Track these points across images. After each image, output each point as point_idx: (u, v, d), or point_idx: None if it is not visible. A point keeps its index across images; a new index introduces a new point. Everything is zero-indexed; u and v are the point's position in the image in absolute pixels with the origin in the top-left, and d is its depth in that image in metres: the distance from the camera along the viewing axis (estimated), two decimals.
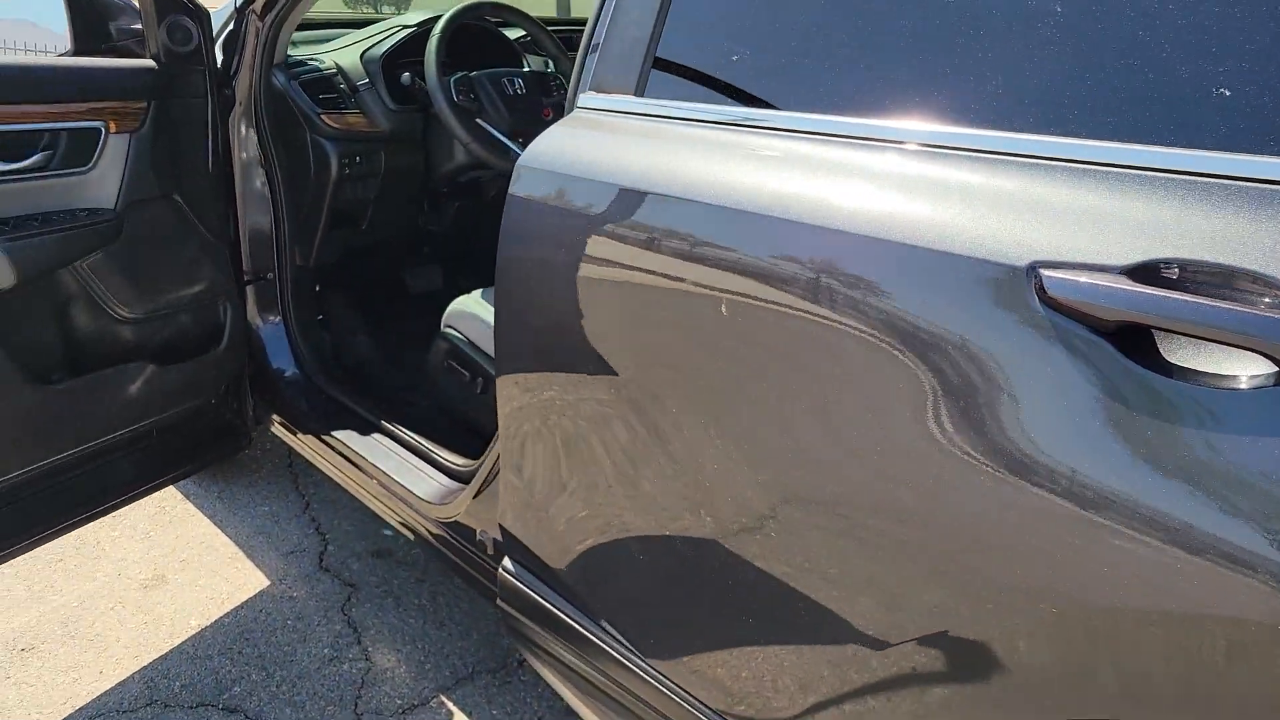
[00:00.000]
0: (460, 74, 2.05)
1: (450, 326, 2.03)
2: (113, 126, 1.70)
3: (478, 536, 1.71)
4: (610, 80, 1.23)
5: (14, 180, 1.57)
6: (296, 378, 2.22)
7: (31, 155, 1.60)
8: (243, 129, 2.06)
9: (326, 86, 2.13)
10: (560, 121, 1.27)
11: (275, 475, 2.71)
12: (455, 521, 1.76)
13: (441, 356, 2.02)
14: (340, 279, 2.48)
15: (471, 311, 1.97)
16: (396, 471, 1.92)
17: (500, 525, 1.48)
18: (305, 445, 2.19)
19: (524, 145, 2.19)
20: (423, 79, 2.06)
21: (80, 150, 1.66)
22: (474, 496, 1.68)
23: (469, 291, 1.98)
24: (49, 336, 1.71)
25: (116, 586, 2.19)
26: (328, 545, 2.42)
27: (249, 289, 2.13)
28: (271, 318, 2.24)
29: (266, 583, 2.25)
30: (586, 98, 1.26)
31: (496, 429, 1.60)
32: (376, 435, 2.04)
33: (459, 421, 2.04)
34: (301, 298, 2.26)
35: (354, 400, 2.16)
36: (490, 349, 1.93)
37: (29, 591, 2.14)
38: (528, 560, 1.45)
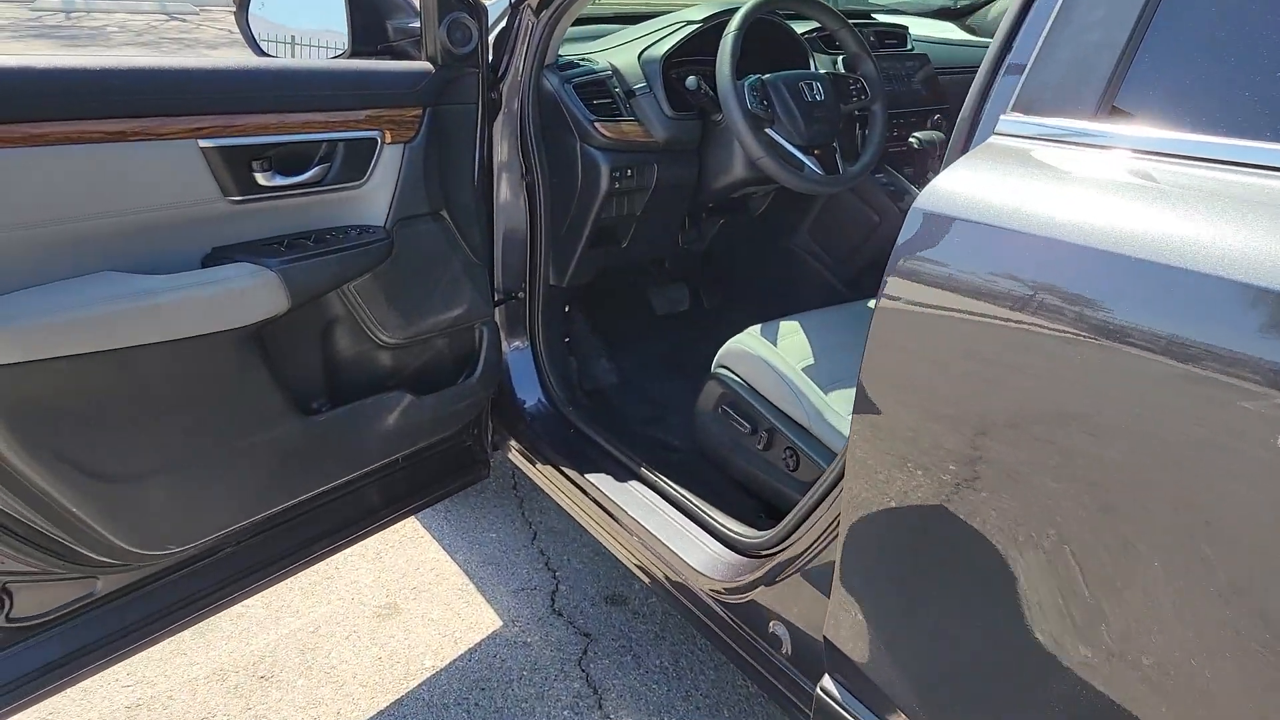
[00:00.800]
0: (754, 78, 1.78)
1: (725, 368, 1.77)
2: (388, 136, 1.54)
3: (769, 629, 1.44)
4: (1051, 99, 0.91)
5: (290, 196, 1.43)
6: (542, 406, 2.04)
7: (308, 169, 1.46)
8: (505, 137, 1.88)
9: (600, 91, 1.91)
10: (973, 153, 0.95)
11: (501, 499, 2.56)
12: (737, 603, 1.50)
13: (714, 402, 1.77)
14: (588, 299, 2.28)
15: (754, 353, 1.69)
16: (659, 528, 1.68)
17: (825, 637, 1.19)
18: (545, 478, 2.01)
19: (819, 161, 1.92)
20: (710, 84, 1.80)
21: (355, 162, 1.51)
22: (768, 583, 1.41)
23: (719, 315, 1.71)
24: (312, 363, 1.58)
25: (351, 613, 2.09)
26: (559, 585, 2.23)
27: (497, 310, 1.96)
28: (517, 341, 2.06)
29: (499, 623, 2.09)
30: (1013, 122, 0.94)
31: (793, 500, 1.38)
32: (633, 483, 1.81)
33: (732, 478, 1.78)
34: (551, 319, 2.07)
35: (605, 436, 1.95)
36: (776, 396, 1.65)
37: (267, 611, 2.08)
38: (864, 692, 1.16)
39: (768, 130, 1.78)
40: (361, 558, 2.28)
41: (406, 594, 2.17)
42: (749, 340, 1.74)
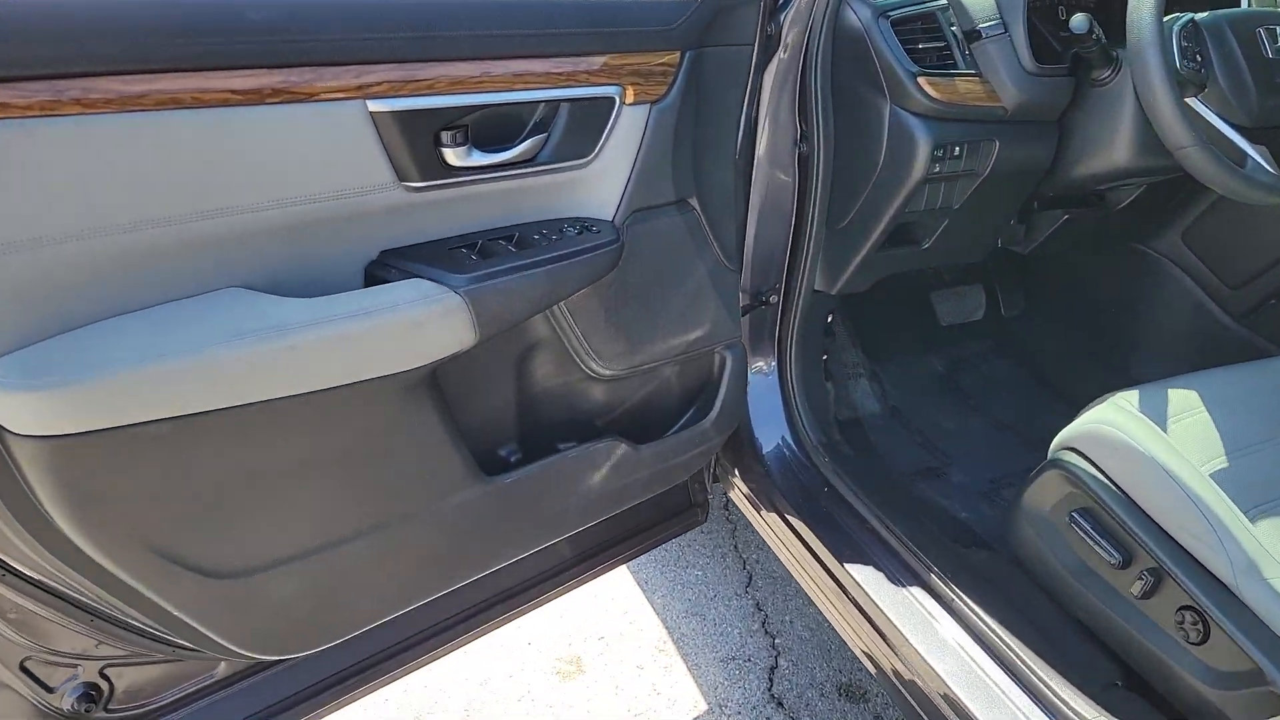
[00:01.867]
0: (1184, 18, 1.15)
1: (1079, 453, 1.20)
2: (630, 94, 1.06)
3: None
4: None
5: (489, 180, 1.00)
6: (785, 447, 1.55)
7: (517, 141, 1.01)
8: (777, 89, 1.36)
9: (929, 32, 1.34)
10: None
11: (710, 525, 2.12)
12: None
13: (1055, 503, 1.21)
14: (855, 306, 1.75)
15: (1133, 442, 1.12)
16: (933, 651, 1.18)
17: None
18: (772, 532, 1.54)
19: (1267, 153, 1.27)
20: (1108, 25, 1.19)
21: (581, 131, 1.05)
22: None
23: (1024, 328, 1.14)
24: (500, 401, 1.17)
25: (527, 666, 1.74)
26: (779, 659, 1.78)
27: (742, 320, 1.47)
28: (759, 361, 1.57)
29: (702, 705, 1.67)
30: None
31: (1188, 688, 1.03)
32: (904, 588, 1.30)
33: (1066, 610, 1.23)
34: (809, 333, 1.57)
35: (865, 499, 1.44)
36: (1170, 518, 1.08)
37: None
38: None
39: (1190, 101, 1.15)
40: None
41: (593, 647, 1.79)
42: (1121, 418, 1.16)
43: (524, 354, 1.16)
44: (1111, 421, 1.16)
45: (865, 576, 1.35)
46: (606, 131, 1.07)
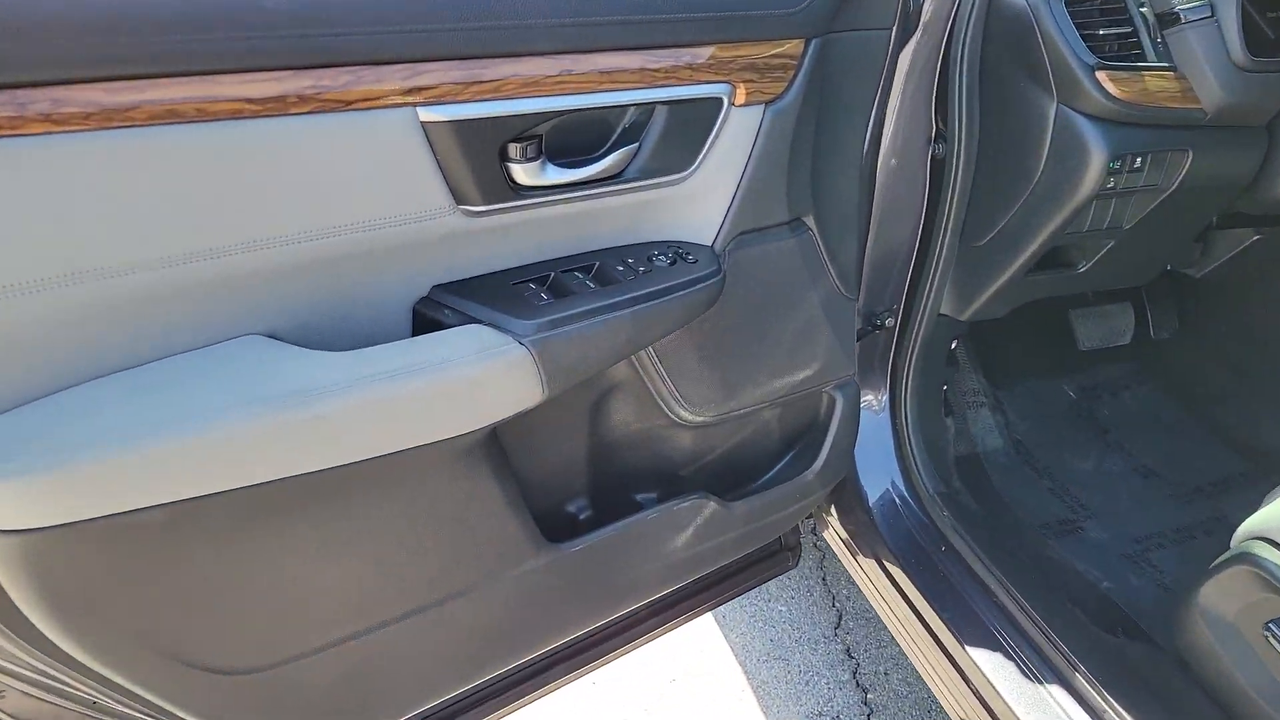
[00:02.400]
0: None
1: (1274, 543, 0.97)
2: (741, 93, 0.86)
3: None
4: None
5: (566, 200, 0.82)
6: (895, 494, 1.35)
7: (601, 154, 0.83)
8: (913, 79, 1.13)
9: (1113, 14, 1.09)
10: None
11: (805, 570, 1.93)
12: None
13: (1240, 608, 0.99)
14: (984, 330, 1.52)
15: None
16: None
17: None
18: (870, 583, 1.35)
19: None
20: None
21: (679, 139, 0.86)
22: None
23: (1179, 354, 0.94)
24: (570, 451, 1.00)
25: (590, 712, 1.60)
26: (871, 717, 1.59)
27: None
28: (868, 393, 1.36)
29: None
30: None
31: None
32: (1037, 683, 1.10)
33: None
34: (930, 364, 1.35)
35: (988, 561, 1.23)
36: None
37: None
38: None
39: None
40: None
41: (664, 691, 1.63)
42: None
43: (599, 398, 0.99)
44: None
45: (987, 660, 1.15)
46: (710, 139, 0.88)
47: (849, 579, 1.87)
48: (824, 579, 1.88)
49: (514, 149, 0.76)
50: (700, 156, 0.88)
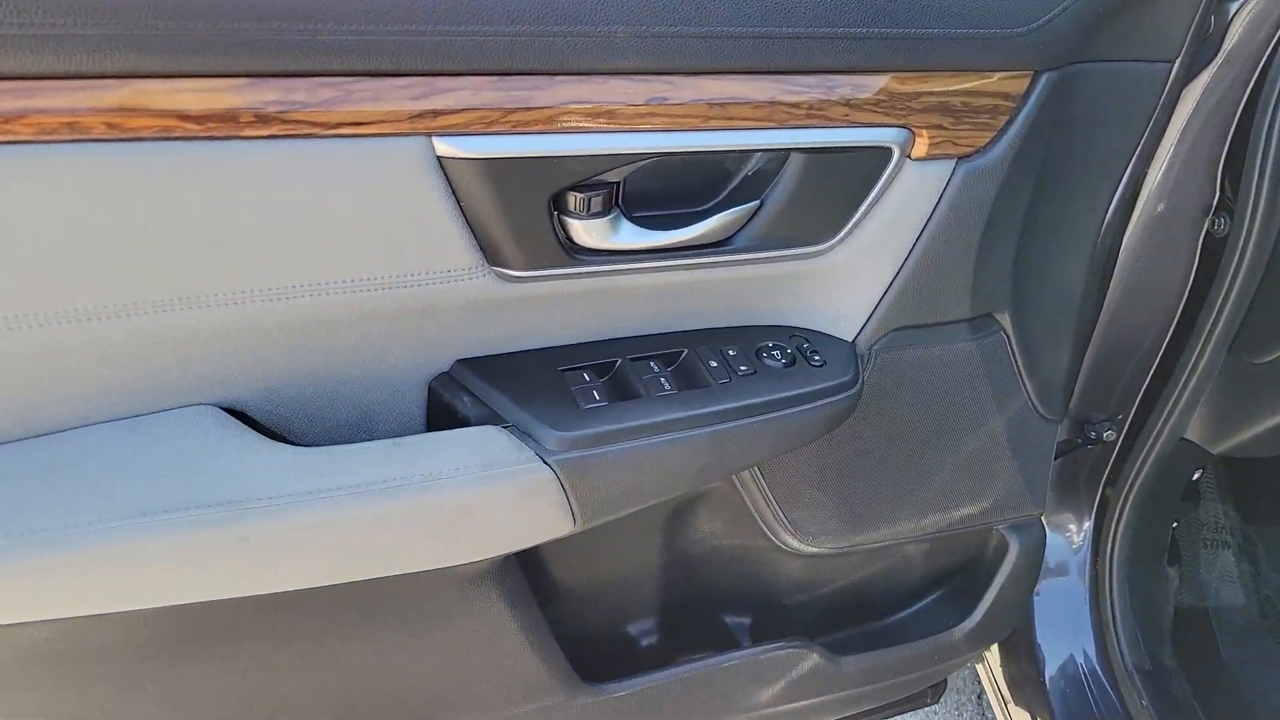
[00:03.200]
0: None
1: None
2: (922, 144, 0.61)
3: None
4: None
5: (646, 269, 0.60)
6: (1085, 667, 1.03)
7: (703, 211, 0.60)
8: (1196, 125, 0.81)
9: None
10: None
11: (958, 684, 1.62)
12: None
13: None
14: (1244, 476, 1.15)
15: None
16: None
17: None
18: None
19: None
20: None
21: (822, 199, 0.62)
22: None
23: None
24: (640, 567, 0.79)
25: None
26: None
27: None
28: (1063, 524, 1.05)
29: None
30: None
31: None
32: None
33: None
34: (1159, 497, 1.02)
35: None
36: None
37: None
38: None
39: None
40: None
41: None
42: None
43: (679, 506, 0.77)
44: None
45: None
46: (868, 203, 0.63)
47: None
48: (979, 697, 1.56)
49: (574, 200, 0.56)
50: (850, 224, 0.63)
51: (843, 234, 0.63)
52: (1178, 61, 0.70)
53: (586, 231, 0.57)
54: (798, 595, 0.86)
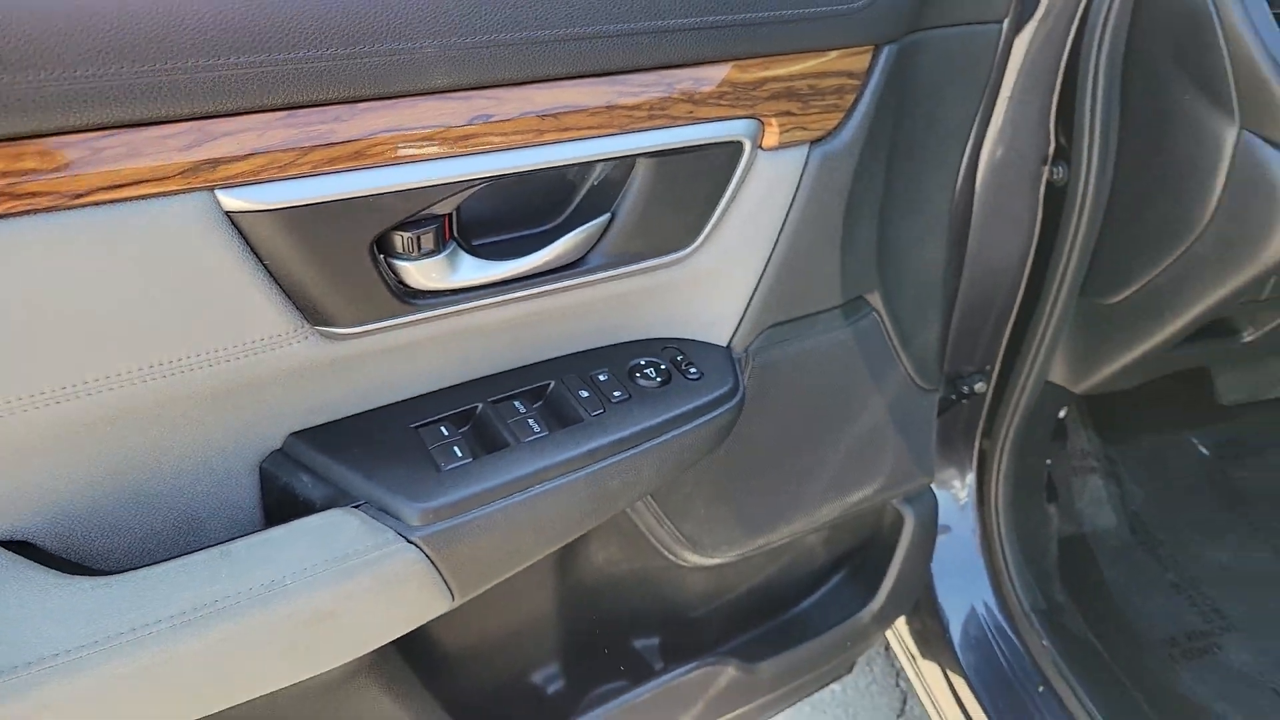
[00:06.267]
0: None
1: None
2: (772, 132, 0.56)
3: None
4: None
5: (491, 304, 0.53)
6: (985, 613, 1.05)
7: (551, 228, 0.54)
8: (1025, 80, 0.81)
9: None
10: None
11: None
12: None
13: None
14: (1103, 405, 1.20)
15: None
16: None
17: None
18: (930, 697, 1.07)
19: None
20: None
21: (675, 204, 0.57)
22: None
23: None
24: (533, 610, 0.73)
25: None
26: None
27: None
28: (949, 479, 1.06)
29: None
30: None
31: None
32: None
33: None
34: (1031, 440, 1.04)
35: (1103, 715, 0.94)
36: None
37: None
38: None
39: None
40: None
41: None
42: None
43: (570, 546, 0.72)
44: None
45: None
46: (725, 201, 0.58)
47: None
48: (885, 649, 1.59)
49: (400, 240, 0.48)
50: (709, 226, 0.59)
51: (703, 237, 0.59)
52: (1007, 20, 0.68)
53: (420, 273, 0.50)
54: (704, 606, 0.82)
